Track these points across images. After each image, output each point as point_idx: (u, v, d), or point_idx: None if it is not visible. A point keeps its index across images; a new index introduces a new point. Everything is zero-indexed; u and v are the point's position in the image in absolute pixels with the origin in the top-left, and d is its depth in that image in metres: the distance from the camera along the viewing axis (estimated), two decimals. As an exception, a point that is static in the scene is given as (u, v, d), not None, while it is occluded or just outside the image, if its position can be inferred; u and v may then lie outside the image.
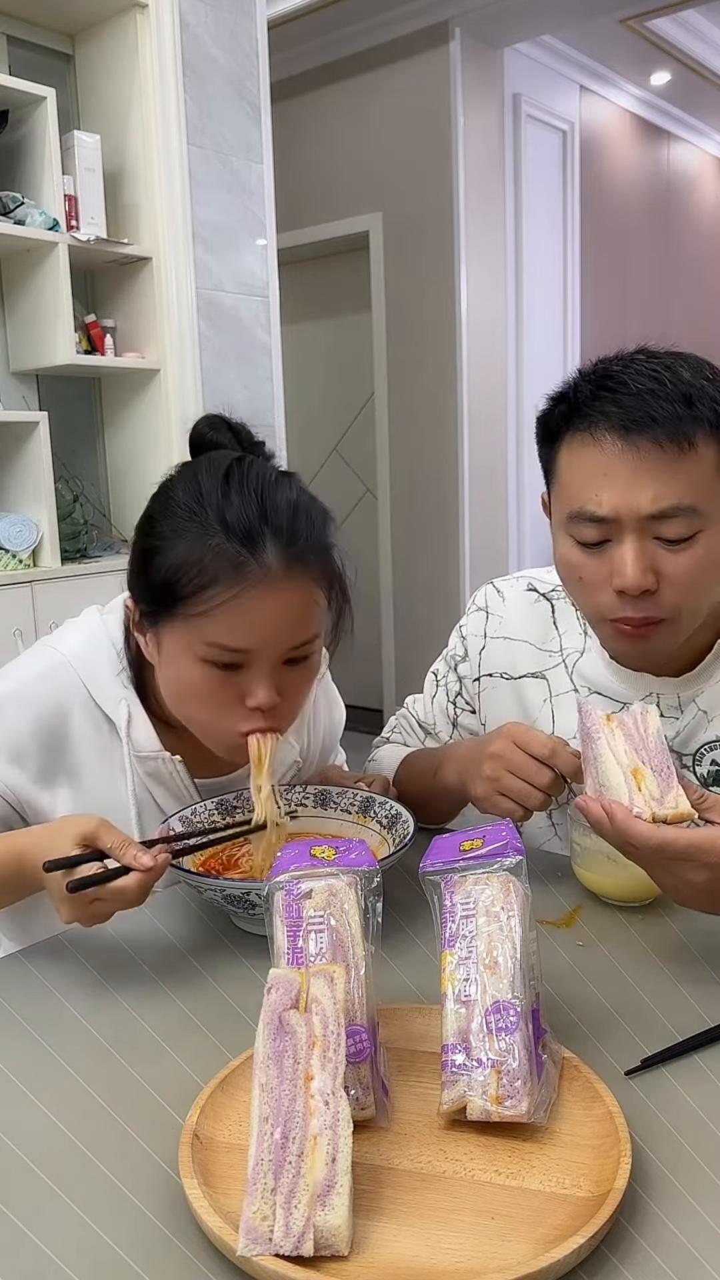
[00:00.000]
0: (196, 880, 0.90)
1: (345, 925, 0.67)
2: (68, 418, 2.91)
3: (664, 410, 0.89)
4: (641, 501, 0.90)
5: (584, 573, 0.96)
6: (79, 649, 1.05)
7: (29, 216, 2.54)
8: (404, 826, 0.99)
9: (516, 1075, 0.63)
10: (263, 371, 3.15)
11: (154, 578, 0.93)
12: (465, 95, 4.10)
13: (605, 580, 0.94)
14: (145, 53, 2.73)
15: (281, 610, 0.92)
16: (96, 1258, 0.56)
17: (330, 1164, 0.55)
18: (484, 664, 1.20)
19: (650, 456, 0.89)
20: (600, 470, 0.92)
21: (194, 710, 0.97)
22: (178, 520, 0.93)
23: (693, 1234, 0.56)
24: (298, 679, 0.97)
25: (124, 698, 1.03)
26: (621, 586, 0.92)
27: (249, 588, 0.89)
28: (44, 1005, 0.83)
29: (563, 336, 4.83)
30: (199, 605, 0.90)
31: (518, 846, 0.72)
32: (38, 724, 1.00)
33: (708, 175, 6.04)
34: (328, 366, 4.86)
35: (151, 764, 1.04)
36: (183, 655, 0.93)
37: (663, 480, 0.90)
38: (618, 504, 0.91)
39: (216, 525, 0.91)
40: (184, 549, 0.91)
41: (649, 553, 0.92)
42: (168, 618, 0.93)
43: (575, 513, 0.94)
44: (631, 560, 0.91)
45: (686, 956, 0.88)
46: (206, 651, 0.91)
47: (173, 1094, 0.69)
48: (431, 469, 4.44)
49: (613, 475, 0.91)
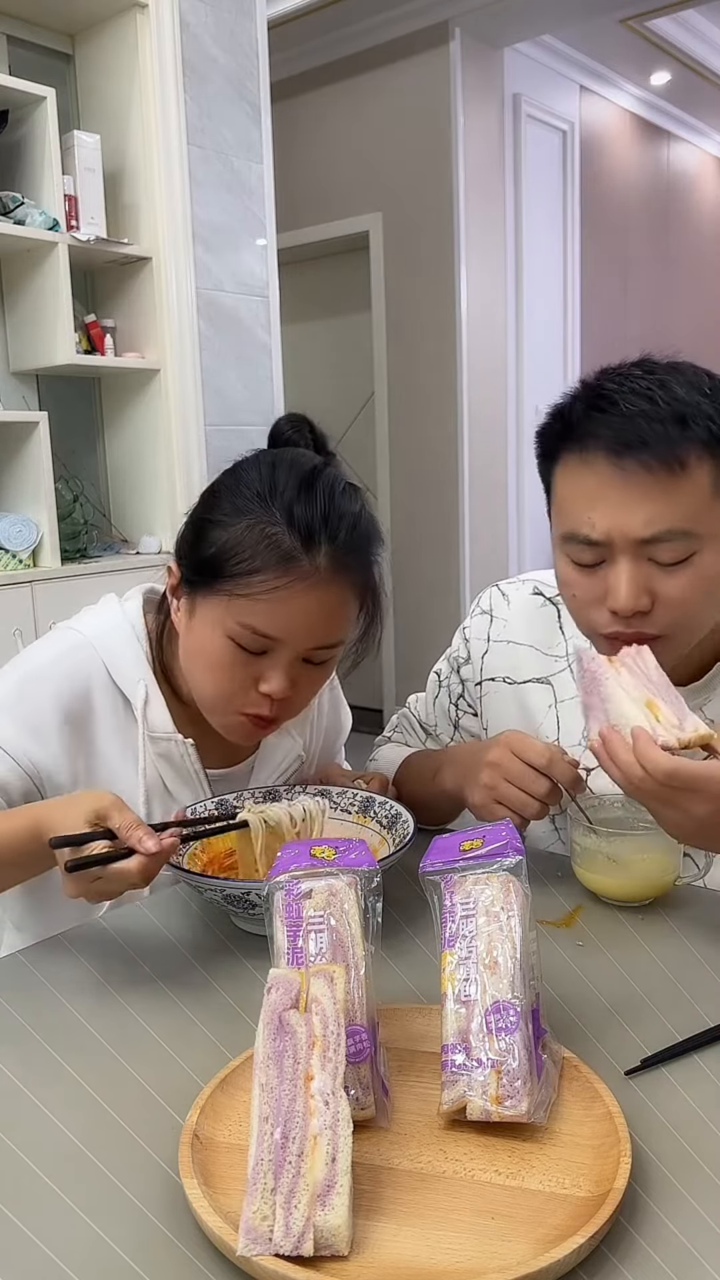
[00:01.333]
0: (196, 880, 0.90)
1: (345, 925, 0.67)
2: (68, 418, 2.91)
3: (655, 432, 0.87)
4: (633, 525, 0.89)
5: (578, 590, 0.96)
6: (99, 630, 1.07)
7: (29, 216, 2.54)
8: (404, 827, 0.99)
9: (516, 1075, 0.63)
10: (263, 371, 3.15)
11: (206, 549, 0.97)
12: (465, 95, 4.11)
13: (599, 599, 0.94)
14: (145, 53, 2.73)
15: (317, 609, 0.96)
16: (96, 1258, 0.56)
17: (330, 1164, 0.55)
18: (486, 668, 1.20)
19: (641, 480, 0.88)
20: (592, 493, 0.91)
21: (207, 679, 1.00)
22: (243, 500, 0.97)
23: (693, 1234, 0.56)
24: (311, 678, 1.01)
25: (142, 678, 1.05)
26: (614, 608, 0.92)
27: (295, 582, 0.93)
28: (44, 1005, 0.83)
29: (563, 336, 4.84)
30: (243, 586, 0.94)
31: (518, 846, 0.72)
32: (59, 701, 1.01)
33: (708, 175, 6.04)
34: (328, 366, 4.86)
35: (164, 745, 1.05)
36: (213, 627, 0.97)
37: (655, 504, 0.88)
38: (609, 527, 0.90)
39: (281, 516, 0.94)
40: (243, 529, 0.95)
41: (642, 574, 0.91)
42: (208, 589, 0.97)
43: (569, 534, 0.94)
44: (625, 583, 0.90)
45: (686, 956, 0.88)
46: (237, 630, 0.95)
47: (173, 1094, 0.69)
48: (431, 469, 4.44)
49: (604, 498, 0.90)
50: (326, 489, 0.97)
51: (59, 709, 1.01)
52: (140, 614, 1.09)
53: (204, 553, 0.97)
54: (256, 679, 0.97)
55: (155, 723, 1.05)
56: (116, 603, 1.12)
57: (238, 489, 0.98)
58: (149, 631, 1.08)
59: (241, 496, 0.97)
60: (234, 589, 0.94)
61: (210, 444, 2.96)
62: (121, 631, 1.07)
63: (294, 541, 0.94)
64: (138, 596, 1.12)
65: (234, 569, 0.94)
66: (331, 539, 0.95)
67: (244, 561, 0.94)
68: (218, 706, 1.01)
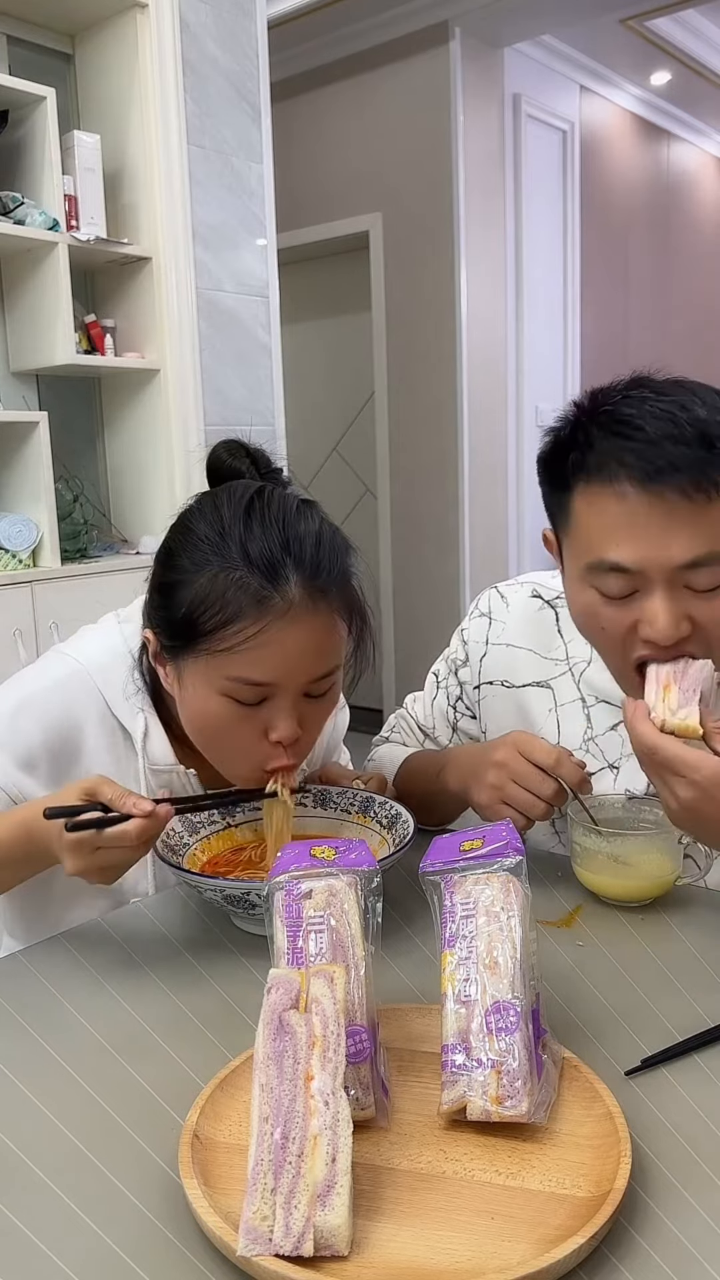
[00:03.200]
0: (196, 880, 0.90)
1: (345, 925, 0.67)
2: (68, 418, 2.91)
3: (685, 456, 0.85)
4: (670, 554, 0.87)
5: (607, 623, 0.93)
6: (98, 658, 1.05)
7: (29, 216, 2.54)
8: (404, 827, 0.99)
9: (516, 1075, 0.63)
10: (263, 371, 3.15)
11: (175, 612, 0.93)
12: (465, 95, 4.10)
13: (631, 628, 0.91)
14: (145, 53, 2.73)
15: (304, 642, 0.91)
16: (96, 1258, 0.56)
17: (330, 1164, 0.55)
18: (484, 671, 1.19)
19: (676, 507, 0.85)
20: (623, 522, 0.88)
21: (215, 744, 0.97)
22: (199, 553, 0.92)
23: (693, 1234, 0.56)
24: (317, 711, 0.97)
25: (141, 709, 1.03)
26: (653, 638, 0.89)
27: (273, 621, 0.89)
28: (44, 1005, 0.83)
29: (563, 336, 4.83)
30: (222, 641, 0.90)
31: (518, 846, 0.72)
32: (50, 732, 1.00)
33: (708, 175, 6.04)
34: (328, 366, 4.86)
35: (165, 776, 1.04)
36: (204, 689, 0.93)
37: (690, 530, 0.86)
38: (644, 557, 0.87)
39: (239, 558, 0.90)
40: (205, 583, 0.91)
41: (680, 601, 0.89)
42: (189, 652, 0.93)
43: (596, 564, 0.90)
44: (664, 612, 0.88)
45: (686, 956, 0.88)
46: (229, 686, 0.91)
47: (173, 1094, 0.69)
48: (431, 469, 4.44)
49: (637, 527, 0.87)
50: (276, 515, 0.92)
51: (50, 741, 1.00)
52: (138, 637, 1.06)
53: (174, 615, 0.93)
54: (264, 729, 0.93)
55: (156, 755, 1.03)
56: (115, 626, 1.09)
57: (189, 542, 0.94)
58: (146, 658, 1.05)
59: (195, 549, 0.93)
60: (214, 646, 0.90)
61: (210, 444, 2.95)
62: (120, 660, 1.04)
63: (259, 580, 0.89)
64: (136, 618, 1.08)
65: (208, 625, 0.90)
66: (298, 565, 0.90)
67: (215, 615, 0.89)
68: (232, 766, 0.98)
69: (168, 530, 0.99)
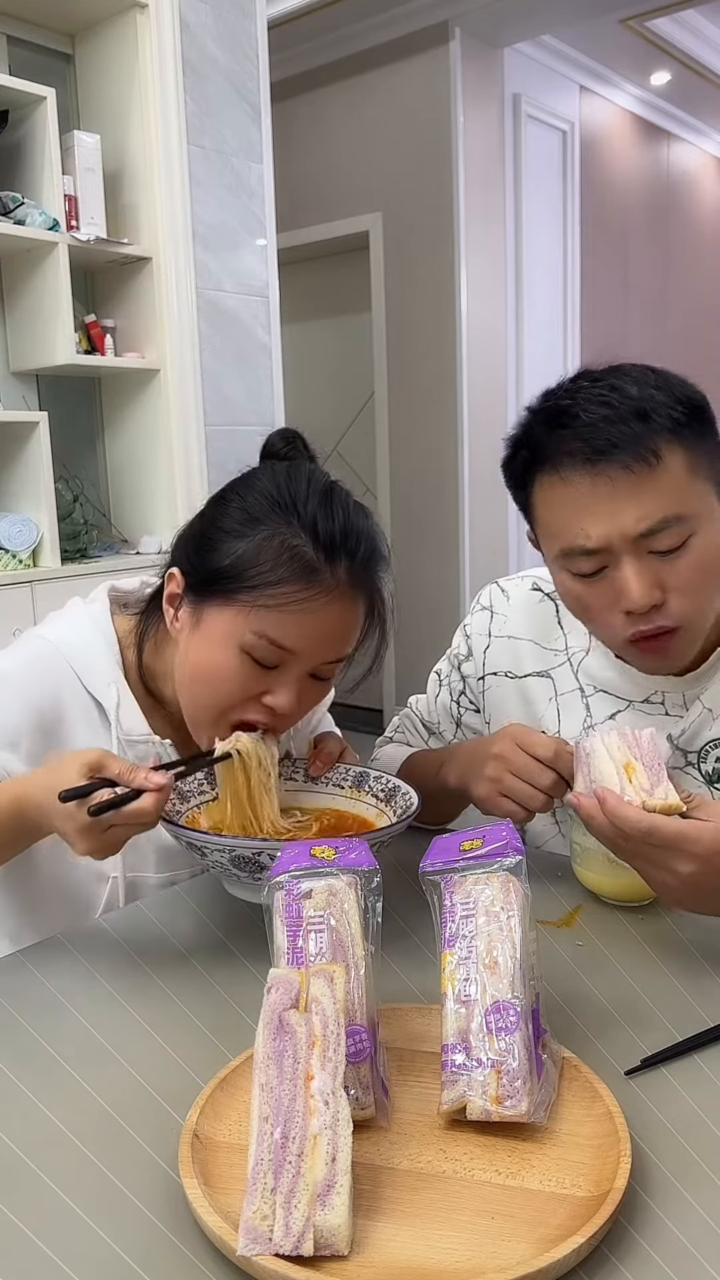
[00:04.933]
0: (203, 840, 0.88)
1: (345, 925, 0.67)
2: (68, 418, 2.91)
3: (622, 432, 0.89)
4: (627, 525, 0.90)
5: (588, 601, 0.97)
6: (66, 635, 1.06)
7: (29, 216, 2.54)
8: (405, 798, 0.99)
9: (516, 1075, 0.63)
10: (263, 371, 3.15)
11: (219, 558, 0.95)
12: (465, 95, 4.10)
13: (612, 604, 0.95)
14: (145, 53, 2.73)
15: (335, 623, 0.96)
16: (96, 1258, 0.56)
17: (330, 1164, 0.55)
18: (488, 663, 1.20)
19: (622, 481, 0.89)
20: (578, 506, 0.92)
21: (207, 690, 0.98)
22: (262, 511, 0.95)
23: (693, 1234, 0.56)
24: (315, 692, 1.00)
25: (113, 681, 1.04)
26: (629, 607, 0.93)
27: (318, 594, 0.93)
28: (44, 1005, 0.83)
29: (563, 336, 4.84)
30: (265, 597, 0.93)
31: (518, 846, 0.72)
32: (29, 709, 1.01)
33: (708, 175, 6.04)
34: (328, 366, 4.86)
35: (141, 748, 1.04)
36: (224, 638, 0.95)
37: (641, 500, 0.90)
38: (604, 533, 0.91)
39: (304, 529, 0.94)
40: (264, 539, 0.94)
41: (649, 569, 0.92)
42: (220, 599, 0.95)
43: (565, 550, 0.95)
44: (634, 581, 0.92)
45: (686, 956, 0.88)
46: (253, 642, 0.94)
47: (173, 1094, 0.69)
48: (431, 469, 4.44)
49: (591, 508, 0.91)
50: (343, 504, 0.97)
51: (29, 717, 1.00)
52: (107, 616, 1.08)
53: (217, 563, 0.95)
54: (262, 692, 0.96)
55: (129, 725, 1.04)
56: (82, 606, 1.11)
57: (252, 498, 0.97)
58: (118, 633, 1.07)
59: (258, 506, 0.96)
60: (254, 600, 0.93)
61: (210, 444, 2.96)
62: (89, 636, 1.06)
63: (317, 554, 0.93)
64: (103, 598, 1.11)
65: (255, 579, 0.93)
66: (350, 554, 0.95)
67: (266, 572, 0.93)
68: (210, 718, 0.99)
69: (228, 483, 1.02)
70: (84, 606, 1.11)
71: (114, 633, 1.07)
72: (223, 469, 1.02)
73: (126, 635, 1.08)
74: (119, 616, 1.09)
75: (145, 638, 1.07)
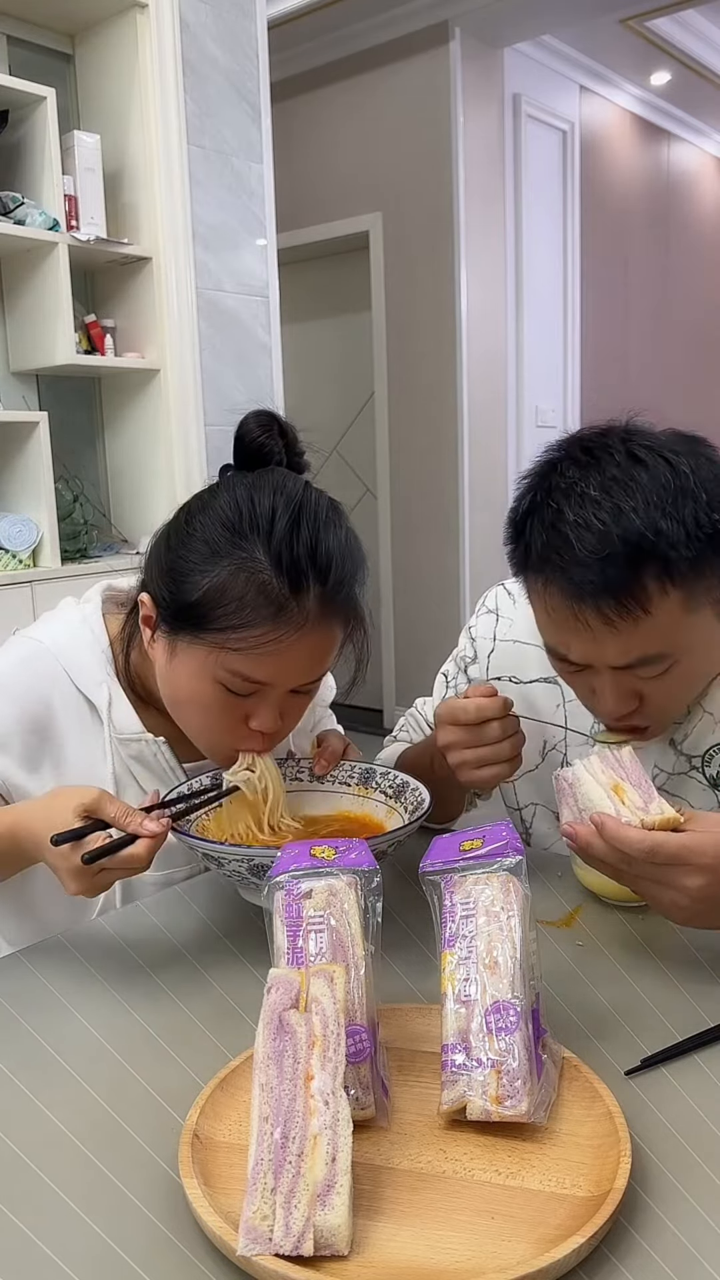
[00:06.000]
0: (220, 850, 0.87)
1: (345, 925, 0.67)
2: (68, 418, 2.91)
3: (610, 576, 0.84)
4: (608, 656, 0.89)
5: (568, 681, 0.98)
6: (57, 636, 1.06)
7: (29, 216, 2.54)
8: (415, 794, 0.99)
9: (516, 1075, 0.63)
10: (263, 371, 3.15)
11: (186, 595, 0.92)
12: (465, 95, 4.10)
13: (588, 695, 0.96)
14: (145, 53, 2.73)
15: (308, 653, 0.93)
16: (96, 1258, 0.56)
17: (330, 1164, 0.55)
18: (493, 667, 1.20)
19: (601, 625, 0.87)
20: (561, 628, 0.91)
21: (194, 720, 0.98)
22: (223, 542, 0.91)
23: (693, 1234, 0.56)
24: (299, 704, 0.99)
25: (104, 681, 1.04)
26: (602, 716, 0.95)
27: (287, 632, 0.90)
28: (44, 1005, 0.83)
29: (563, 336, 4.83)
30: (232, 640, 0.90)
31: (518, 846, 0.72)
32: (19, 710, 1.00)
33: (708, 175, 6.04)
34: (328, 366, 4.86)
35: (135, 746, 1.04)
36: (197, 672, 0.94)
37: (621, 641, 0.87)
38: (586, 656, 0.91)
39: (267, 560, 0.89)
40: (227, 576, 0.90)
41: (626, 684, 0.92)
42: (191, 635, 0.93)
43: (550, 649, 0.95)
44: (610, 699, 0.92)
45: (686, 956, 0.88)
46: (226, 677, 0.92)
47: (173, 1094, 0.69)
48: (431, 469, 4.44)
49: (574, 634, 0.90)
50: (311, 521, 0.92)
51: (20, 719, 1.00)
52: (99, 616, 1.08)
53: (185, 598, 0.92)
54: (246, 716, 0.95)
55: (122, 724, 1.04)
56: (75, 606, 1.10)
57: (213, 528, 0.92)
58: (110, 634, 1.07)
59: (219, 538, 0.91)
60: (222, 641, 0.90)
61: (210, 444, 2.96)
62: (81, 636, 1.05)
63: (283, 588, 0.89)
64: (96, 598, 1.10)
65: (221, 621, 0.90)
66: (320, 579, 0.91)
67: (232, 614, 0.89)
68: (209, 743, 0.99)
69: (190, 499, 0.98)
70: (76, 606, 1.11)
71: (105, 632, 1.07)
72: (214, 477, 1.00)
73: (118, 635, 1.07)
74: (113, 616, 1.09)
75: (134, 639, 1.06)
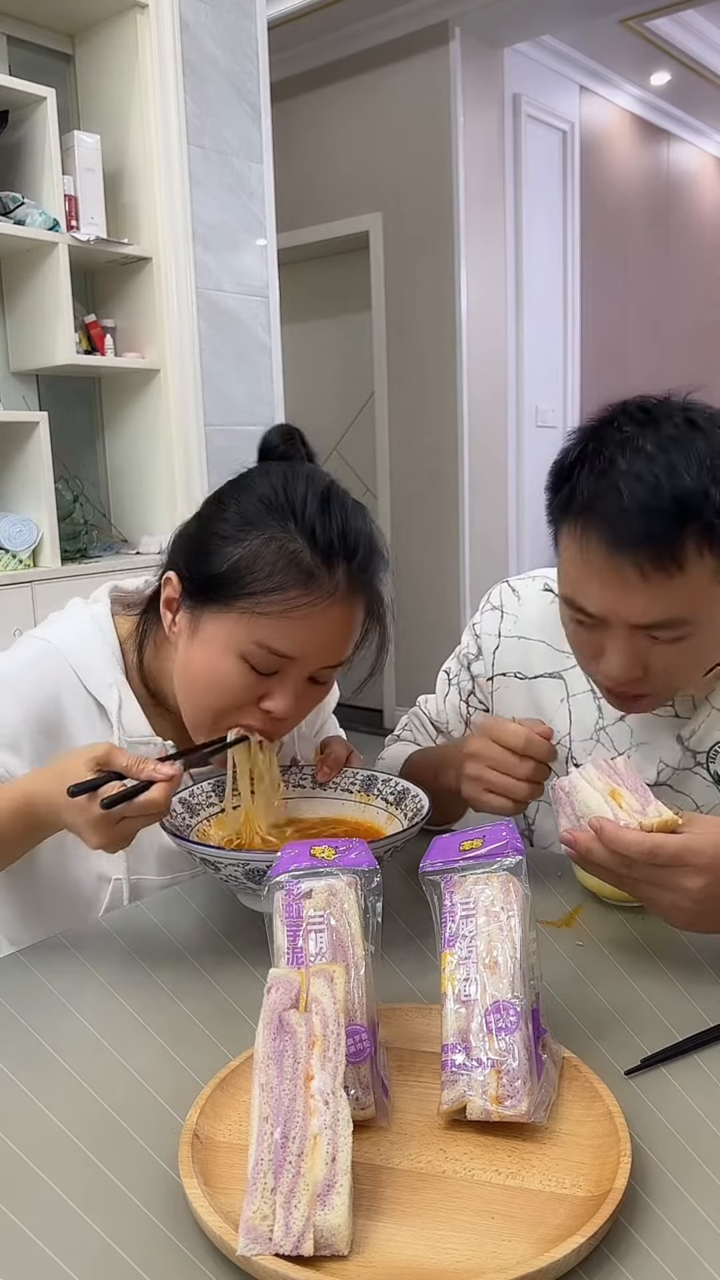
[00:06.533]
0: (216, 855, 0.87)
1: (345, 925, 0.67)
2: (68, 418, 2.91)
3: (654, 530, 0.84)
4: (629, 613, 0.88)
5: (578, 643, 0.97)
6: (66, 637, 1.06)
7: (29, 216, 2.54)
8: (415, 801, 0.99)
9: (516, 1075, 0.63)
10: (263, 371, 3.15)
11: (217, 565, 0.94)
12: (465, 95, 4.10)
13: (594, 655, 0.95)
14: (145, 53, 2.73)
15: (334, 629, 0.95)
16: (96, 1258, 0.56)
17: (330, 1163, 0.55)
18: (497, 663, 1.20)
19: (635, 579, 0.86)
20: (590, 575, 0.89)
21: (206, 696, 0.98)
22: (258, 514, 0.94)
23: (693, 1234, 0.56)
24: (313, 695, 1.00)
25: (114, 683, 1.04)
26: (607, 678, 0.94)
27: (317, 600, 0.92)
28: (44, 1005, 0.83)
29: (563, 336, 4.84)
30: (264, 605, 0.92)
31: (518, 846, 0.72)
32: (30, 711, 1.00)
33: (708, 175, 6.04)
34: (328, 366, 4.86)
35: (144, 749, 1.04)
36: (222, 645, 0.94)
37: (650, 597, 0.87)
38: (606, 610, 0.89)
39: (302, 534, 0.92)
40: (259, 544, 0.93)
41: (636, 649, 0.91)
42: (219, 605, 0.94)
43: (568, 599, 0.94)
44: (617, 660, 0.91)
45: (686, 956, 0.88)
46: (252, 650, 0.93)
47: (173, 1094, 0.69)
48: (431, 469, 4.44)
49: (601, 583, 0.88)
50: (341, 506, 0.96)
51: (30, 719, 1.00)
52: (109, 616, 1.08)
53: (214, 569, 0.94)
54: (260, 697, 0.96)
55: (131, 727, 1.04)
56: (83, 607, 1.10)
57: (248, 501, 0.95)
58: (120, 634, 1.07)
59: (254, 509, 0.94)
60: (252, 606, 0.92)
61: (210, 444, 2.96)
62: (90, 637, 1.06)
63: (315, 559, 0.92)
64: (104, 599, 1.10)
65: (254, 587, 0.92)
66: (349, 557, 0.94)
67: (264, 579, 0.92)
68: (209, 722, 0.99)
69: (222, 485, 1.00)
70: (85, 607, 1.10)
71: (115, 633, 1.07)
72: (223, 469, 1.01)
73: (128, 636, 1.07)
74: (121, 617, 1.09)
75: (146, 638, 1.06)
